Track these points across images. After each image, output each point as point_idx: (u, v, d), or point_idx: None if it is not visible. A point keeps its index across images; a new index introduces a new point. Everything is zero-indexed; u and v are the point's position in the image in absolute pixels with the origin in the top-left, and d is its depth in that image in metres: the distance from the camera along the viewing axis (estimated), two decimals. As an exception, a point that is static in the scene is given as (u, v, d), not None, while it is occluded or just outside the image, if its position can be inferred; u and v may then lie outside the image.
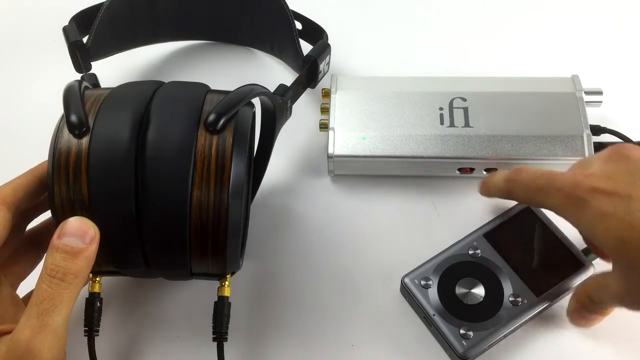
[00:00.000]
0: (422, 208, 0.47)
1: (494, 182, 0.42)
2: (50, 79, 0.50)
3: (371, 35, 0.60)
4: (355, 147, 0.46)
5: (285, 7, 0.51)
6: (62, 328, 0.32)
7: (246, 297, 0.43)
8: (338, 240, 0.46)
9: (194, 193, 0.33)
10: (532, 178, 0.38)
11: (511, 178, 0.40)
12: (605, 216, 0.34)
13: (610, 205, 0.34)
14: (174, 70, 0.57)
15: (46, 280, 0.32)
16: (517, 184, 0.39)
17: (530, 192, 0.38)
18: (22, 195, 0.36)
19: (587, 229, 0.35)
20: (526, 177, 0.39)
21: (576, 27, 0.59)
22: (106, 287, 0.39)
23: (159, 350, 0.41)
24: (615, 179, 0.35)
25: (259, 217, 0.47)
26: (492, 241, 0.43)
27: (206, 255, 0.35)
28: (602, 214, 0.34)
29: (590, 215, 0.34)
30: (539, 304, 0.40)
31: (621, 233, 0.33)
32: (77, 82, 0.37)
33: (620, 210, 0.33)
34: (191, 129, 0.34)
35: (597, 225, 0.34)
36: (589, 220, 0.35)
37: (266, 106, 0.42)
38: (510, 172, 0.40)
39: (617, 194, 0.34)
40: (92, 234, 0.33)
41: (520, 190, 0.39)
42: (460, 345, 0.39)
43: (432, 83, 0.49)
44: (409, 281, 0.41)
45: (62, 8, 0.51)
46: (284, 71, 0.56)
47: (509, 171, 0.40)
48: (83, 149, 0.33)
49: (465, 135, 0.46)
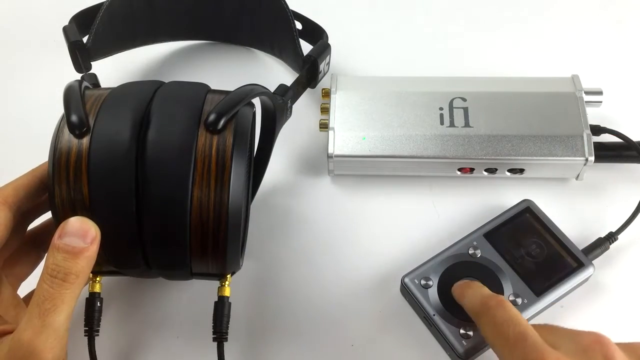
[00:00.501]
0: (422, 208, 0.47)
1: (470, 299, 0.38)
2: (50, 79, 0.50)
3: (371, 35, 0.60)
4: (355, 147, 0.46)
5: (285, 7, 0.51)
6: (63, 328, 0.32)
7: (246, 297, 0.43)
8: (338, 240, 0.46)
9: (195, 193, 0.33)
10: (502, 321, 0.34)
11: (485, 309, 0.36)
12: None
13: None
14: (174, 70, 0.57)
15: (47, 280, 0.32)
16: (486, 320, 0.35)
17: (494, 334, 0.34)
18: (23, 196, 0.36)
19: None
20: (499, 318, 0.34)
21: (576, 27, 0.59)
22: (106, 287, 0.39)
23: (159, 350, 0.41)
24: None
25: (259, 217, 0.47)
26: (492, 241, 0.43)
27: (206, 255, 0.35)
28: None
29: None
30: (539, 304, 0.40)
31: None
32: (77, 82, 0.37)
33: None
34: (191, 129, 0.34)
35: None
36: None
37: (266, 106, 0.42)
38: (490, 300, 0.36)
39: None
40: (93, 234, 0.33)
41: (485, 325, 0.35)
42: (460, 345, 0.39)
43: (432, 83, 0.49)
44: (409, 281, 0.41)
45: (62, 8, 0.51)
46: (284, 71, 0.56)
47: (489, 299, 0.36)
48: (83, 149, 0.33)
49: (465, 135, 0.46)
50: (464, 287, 0.39)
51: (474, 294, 0.38)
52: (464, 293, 0.39)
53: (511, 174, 0.47)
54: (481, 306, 0.36)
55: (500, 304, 0.35)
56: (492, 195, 0.46)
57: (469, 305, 0.37)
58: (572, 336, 0.33)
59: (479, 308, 0.36)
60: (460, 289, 0.39)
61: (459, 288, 0.39)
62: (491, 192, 0.47)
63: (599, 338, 0.32)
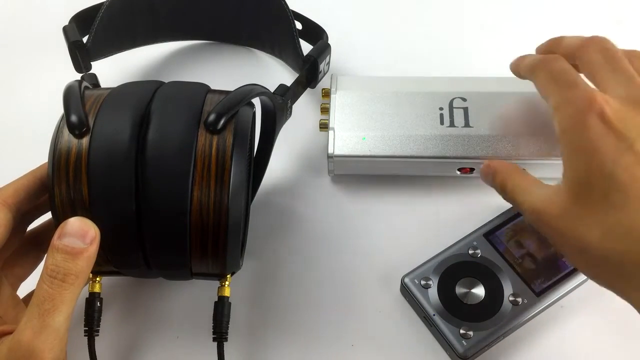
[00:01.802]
0: (422, 208, 0.47)
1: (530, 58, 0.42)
2: (50, 79, 0.50)
3: (371, 35, 0.60)
4: (355, 147, 0.46)
5: (285, 7, 0.51)
6: (63, 328, 0.32)
7: (246, 297, 0.43)
8: (338, 240, 0.46)
9: (194, 193, 0.33)
10: (559, 70, 0.38)
11: (544, 62, 0.39)
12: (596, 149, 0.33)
13: (605, 143, 0.33)
14: (174, 70, 0.57)
15: (47, 280, 0.32)
16: (543, 70, 0.39)
17: (548, 80, 0.38)
18: (23, 197, 0.36)
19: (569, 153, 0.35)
20: (556, 67, 0.38)
21: (576, 27, 0.59)
22: (106, 287, 0.39)
23: (159, 350, 0.41)
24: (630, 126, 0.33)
25: (259, 217, 0.47)
26: (492, 241, 0.43)
27: (206, 255, 0.35)
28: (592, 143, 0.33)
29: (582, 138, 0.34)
30: (539, 304, 0.40)
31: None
32: (77, 82, 0.37)
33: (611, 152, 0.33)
34: (191, 129, 0.34)
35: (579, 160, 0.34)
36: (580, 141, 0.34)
37: (266, 106, 0.42)
38: (549, 56, 0.40)
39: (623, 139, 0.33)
40: (93, 234, 0.33)
41: (540, 75, 0.39)
42: (460, 345, 0.39)
43: (432, 83, 0.49)
44: (409, 281, 0.41)
45: (62, 8, 0.51)
46: (284, 71, 0.56)
47: (549, 55, 0.40)
48: (83, 149, 0.33)
49: (465, 135, 0.46)
50: (522, 57, 0.43)
51: (533, 56, 0.42)
52: (524, 58, 0.42)
53: (511, 174, 0.47)
54: (541, 60, 0.40)
55: (559, 58, 0.39)
56: (492, 196, 0.46)
57: (528, 62, 0.41)
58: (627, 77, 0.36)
59: (538, 62, 0.40)
60: (519, 57, 0.43)
61: (519, 58, 0.43)
62: (491, 192, 0.47)
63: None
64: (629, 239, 0.31)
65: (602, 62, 0.37)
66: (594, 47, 0.38)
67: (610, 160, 0.33)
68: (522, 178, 0.39)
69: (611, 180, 0.32)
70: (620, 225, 0.32)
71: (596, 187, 0.33)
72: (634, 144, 0.33)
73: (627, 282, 0.32)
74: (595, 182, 0.33)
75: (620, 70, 0.36)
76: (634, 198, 0.32)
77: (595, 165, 0.33)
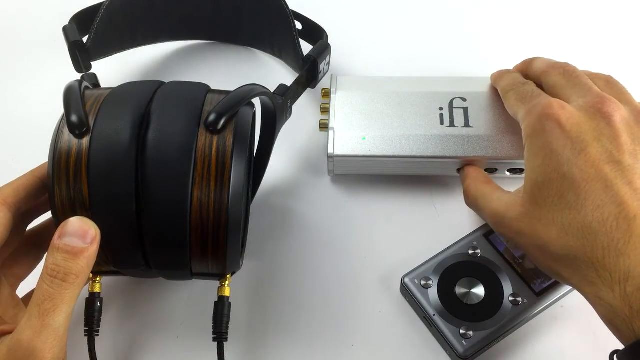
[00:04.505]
0: (422, 208, 0.47)
1: (505, 79, 0.44)
2: (50, 79, 0.50)
3: (371, 35, 0.60)
4: (355, 147, 0.46)
5: (285, 7, 0.51)
6: (63, 328, 0.32)
7: (246, 297, 0.43)
8: (338, 240, 0.46)
9: (195, 193, 0.33)
10: (526, 90, 0.41)
11: (514, 85, 0.43)
12: (553, 151, 0.35)
13: (561, 146, 0.35)
14: (174, 70, 0.57)
15: (47, 280, 0.32)
16: (512, 92, 0.42)
17: (516, 99, 0.41)
18: (23, 196, 0.36)
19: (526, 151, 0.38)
20: (524, 89, 0.41)
21: (576, 26, 0.59)
22: (106, 287, 0.39)
23: (159, 350, 0.41)
24: (586, 129, 0.35)
25: (259, 217, 0.47)
26: (492, 241, 0.43)
27: (206, 255, 0.35)
28: (550, 145, 0.36)
29: (541, 141, 0.36)
30: (539, 304, 0.40)
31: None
32: (77, 82, 0.37)
33: (566, 153, 0.35)
34: (191, 129, 0.34)
35: (535, 158, 0.36)
36: (539, 144, 0.37)
37: (266, 106, 0.42)
38: (519, 80, 0.43)
39: (578, 142, 0.35)
40: (93, 234, 0.33)
41: (510, 96, 0.42)
42: (460, 345, 0.39)
43: (432, 83, 0.49)
44: (409, 281, 0.41)
45: (62, 8, 0.51)
46: (284, 71, 0.56)
47: (519, 80, 0.43)
48: (83, 149, 0.33)
49: (465, 135, 0.46)
50: (500, 72, 0.46)
51: (507, 78, 0.44)
52: (501, 76, 0.45)
53: (511, 174, 0.47)
54: (512, 84, 0.43)
55: (528, 83, 0.42)
56: (492, 195, 0.46)
57: (502, 85, 0.44)
58: (585, 90, 0.38)
59: (510, 86, 0.43)
60: (497, 74, 0.47)
61: (496, 73, 0.47)
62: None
63: (603, 101, 0.37)
64: (582, 236, 0.33)
65: (564, 82, 0.40)
66: (556, 71, 0.41)
67: (566, 161, 0.35)
68: (484, 186, 0.42)
69: (566, 181, 0.34)
70: (575, 222, 0.33)
71: (553, 187, 0.35)
72: (588, 147, 0.35)
73: (582, 276, 0.34)
74: (552, 183, 0.35)
75: (580, 85, 0.39)
76: (587, 197, 0.33)
77: (552, 166, 0.35)
